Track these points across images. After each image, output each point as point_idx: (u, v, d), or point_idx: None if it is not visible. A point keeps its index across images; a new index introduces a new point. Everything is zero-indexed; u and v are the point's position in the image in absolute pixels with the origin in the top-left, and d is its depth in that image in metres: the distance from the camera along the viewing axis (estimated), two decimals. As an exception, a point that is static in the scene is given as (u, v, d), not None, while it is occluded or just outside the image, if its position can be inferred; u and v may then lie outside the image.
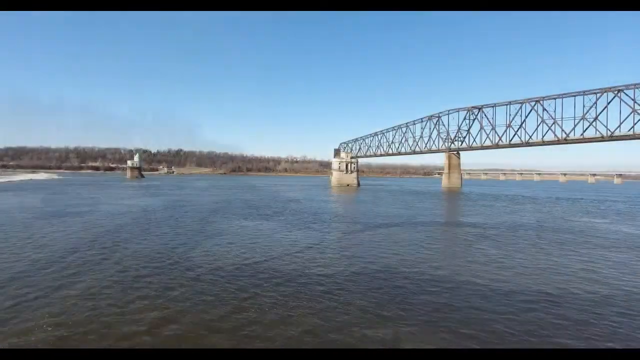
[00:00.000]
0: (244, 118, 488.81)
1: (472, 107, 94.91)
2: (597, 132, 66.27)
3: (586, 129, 67.94)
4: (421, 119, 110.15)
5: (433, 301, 10.45)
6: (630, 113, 60.91)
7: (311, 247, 18.10)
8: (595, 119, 66.24)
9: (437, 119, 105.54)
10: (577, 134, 69.82)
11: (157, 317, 8.88)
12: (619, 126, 63.15)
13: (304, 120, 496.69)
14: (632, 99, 60.93)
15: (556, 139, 73.01)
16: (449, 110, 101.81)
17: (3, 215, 27.95)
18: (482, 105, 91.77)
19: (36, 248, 16.54)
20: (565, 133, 71.57)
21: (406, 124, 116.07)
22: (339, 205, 45.54)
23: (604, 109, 64.71)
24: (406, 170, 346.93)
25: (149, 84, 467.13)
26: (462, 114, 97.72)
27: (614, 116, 64.86)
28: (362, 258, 15.95)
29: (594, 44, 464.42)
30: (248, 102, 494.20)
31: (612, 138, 64.85)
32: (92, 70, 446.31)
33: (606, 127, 64.90)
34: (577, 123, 68.81)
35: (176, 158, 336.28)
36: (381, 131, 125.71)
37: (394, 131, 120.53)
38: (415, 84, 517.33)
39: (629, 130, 62.12)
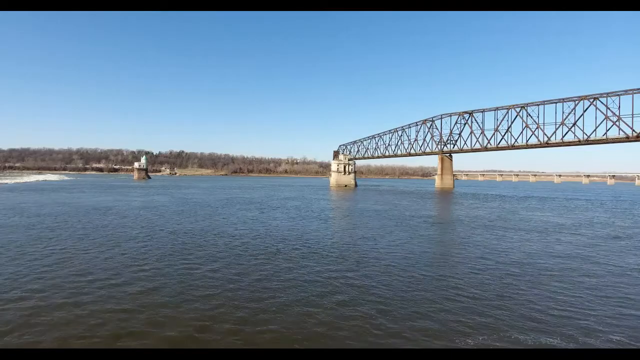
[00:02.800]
0: (245, 119, 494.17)
1: (464, 112, 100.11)
2: (575, 136, 71.63)
3: (565, 133, 73.36)
4: (416, 122, 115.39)
5: (359, 260, 15.67)
6: (604, 120, 66.19)
7: (296, 230, 23.28)
8: (574, 124, 71.56)
9: (431, 122, 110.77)
10: (558, 138, 75.13)
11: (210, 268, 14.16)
12: (594, 131, 68.51)
13: (305, 122, 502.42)
14: (605, 106, 66.19)
15: (538, 143, 78.34)
16: (442, 115, 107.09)
17: (67, 210, 33.10)
18: (473, 111, 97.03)
19: (113, 235, 21.67)
20: (547, 137, 76.86)
21: (402, 127, 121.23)
22: (331, 203, 50.71)
23: (580, 116, 70.10)
24: (405, 172, 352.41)
25: (149, 85, 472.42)
26: (454, 118, 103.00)
27: (591, 122, 69.71)
28: (331, 236, 21.16)
29: (589, 46, 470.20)
30: (249, 104, 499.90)
31: (588, 142, 70.08)
32: (92, 71, 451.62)
33: (583, 131, 70.30)
34: (557, 128, 74.23)
35: (178, 159, 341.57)
36: (378, 134, 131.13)
37: (391, 134, 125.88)
38: (412, 88, 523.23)
39: (602, 135, 67.41)
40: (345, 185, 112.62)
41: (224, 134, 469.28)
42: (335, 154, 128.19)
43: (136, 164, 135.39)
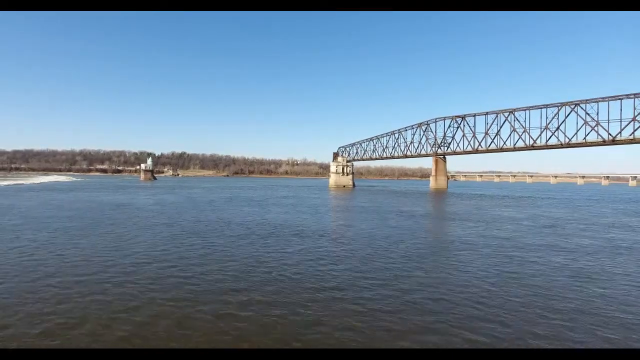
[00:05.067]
0: (245, 120, 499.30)
1: (456, 116, 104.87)
2: (558, 140, 76.37)
3: (549, 137, 78.14)
4: (412, 125, 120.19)
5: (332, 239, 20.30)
6: (583, 125, 70.93)
7: (290, 220, 27.95)
8: (557, 128, 76.36)
9: (426, 126, 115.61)
10: (543, 142, 79.91)
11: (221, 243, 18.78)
12: (575, 135, 73.24)
13: (305, 123, 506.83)
14: (585, 112, 70.92)
15: (525, 146, 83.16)
16: (436, 119, 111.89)
17: (93, 206, 37.81)
18: (465, 115, 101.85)
19: (145, 225, 26.29)
20: (533, 140, 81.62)
21: (399, 130, 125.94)
22: (324, 201, 55.40)
23: (563, 121, 74.91)
24: (404, 173, 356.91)
25: (150, 86, 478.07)
26: (448, 122, 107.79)
27: (573, 126, 74.17)
28: (316, 224, 25.81)
29: (582, 48, 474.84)
30: (249, 105, 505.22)
31: (569, 145, 74.82)
32: (92, 71, 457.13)
33: (565, 135, 75.10)
34: (542, 132, 79.00)
35: (180, 160, 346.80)
36: (377, 136, 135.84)
37: (388, 136, 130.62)
38: (410, 90, 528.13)
39: (582, 139, 72.12)
40: (344, 186, 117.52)
41: (225, 135, 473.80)
42: (335, 156, 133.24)
43: (143, 166, 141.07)
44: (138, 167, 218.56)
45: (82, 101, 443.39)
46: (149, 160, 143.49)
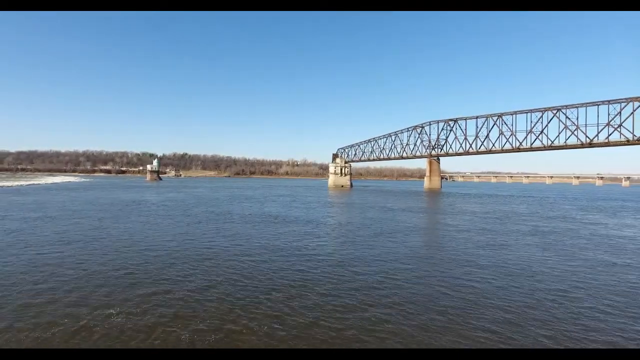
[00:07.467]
0: (246, 121, 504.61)
1: (449, 119, 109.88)
2: (541, 143, 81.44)
3: (534, 141, 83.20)
4: (407, 128, 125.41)
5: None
6: (563, 129, 75.95)
7: (285, 212, 32.90)
8: (541, 132, 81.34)
9: (420, 128, 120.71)
10: (528, 144, 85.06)
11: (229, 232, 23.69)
12: (557, 137, 78.33)
13: (305, 124, 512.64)
14: (566, 116, 75.87)
15: (511, 148, 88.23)
16: (430, 122, 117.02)
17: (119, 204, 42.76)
18: (457, 118, 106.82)
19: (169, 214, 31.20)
20: (519, 142, 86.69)
21: (395, 132, 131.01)
22: (319, 199, 60.30)
23: (546, 125, 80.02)
24: (403, 173, 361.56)
25: (151, 87, 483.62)
26: (441, 125, 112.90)
27: (555, 129, 79.28)
28: (306, 215, 30.71)
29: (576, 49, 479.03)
30: (250, 106, 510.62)
31: (551, 147, 79.87)
32: (93, 72, 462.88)
33: (548, 137, 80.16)
34: (527, 135, 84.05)
35: (182, 161, 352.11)
36: (374, 138, 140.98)
37: (385, 138, 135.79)
38: (407, 91, 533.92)
39: (563, 142, 77.18)
40: (342, 186, 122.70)
41: (226, 136, 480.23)
42: (334, 157, 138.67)
43: (149, 167, 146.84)
44: (141, 168, 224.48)
45: (83, 102, 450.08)
46: (155, 162, 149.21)
